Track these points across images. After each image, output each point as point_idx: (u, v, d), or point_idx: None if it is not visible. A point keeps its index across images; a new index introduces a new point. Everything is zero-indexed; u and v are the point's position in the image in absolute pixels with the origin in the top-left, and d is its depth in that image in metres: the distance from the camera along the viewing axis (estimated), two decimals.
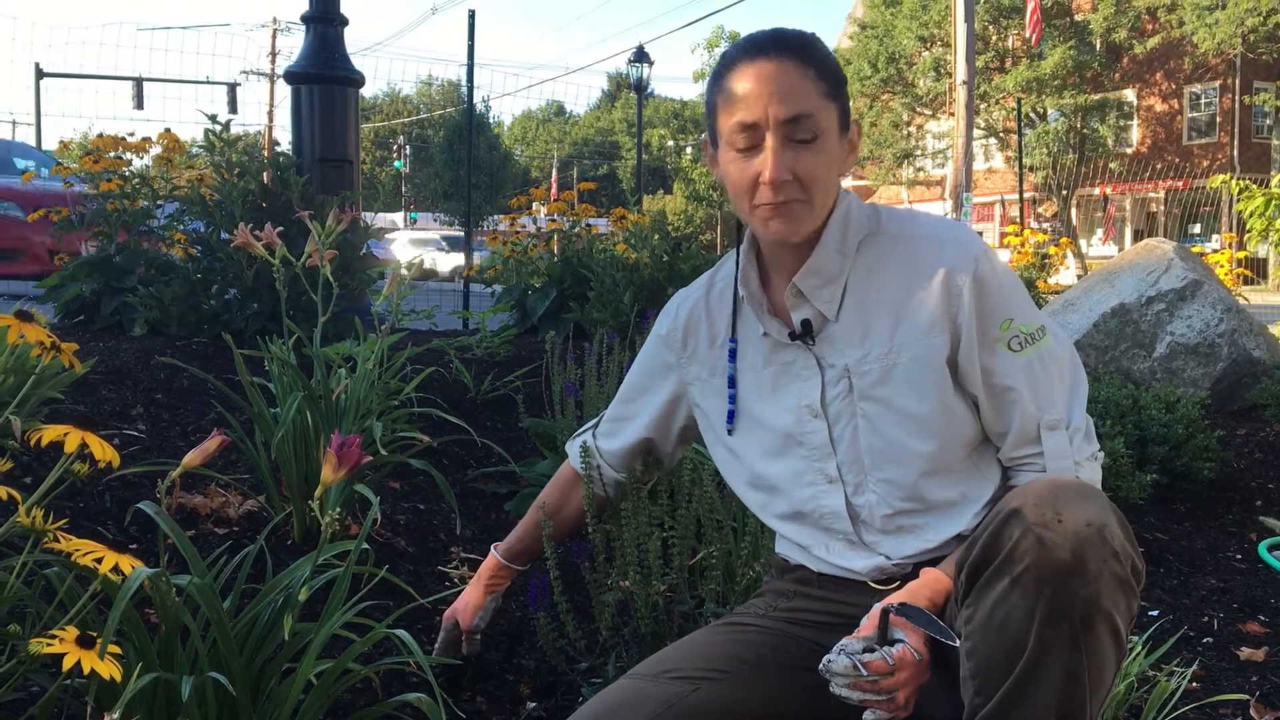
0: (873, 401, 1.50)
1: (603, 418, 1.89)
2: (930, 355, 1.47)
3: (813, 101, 1.42)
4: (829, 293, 1.51)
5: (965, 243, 1.49)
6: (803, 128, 1.41)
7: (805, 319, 1.52)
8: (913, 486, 1.49)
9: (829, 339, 1.52)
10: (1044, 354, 1.49)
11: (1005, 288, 1.48)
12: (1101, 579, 1.19)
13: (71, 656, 1.15)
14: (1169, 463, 3.45)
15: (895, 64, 31.88)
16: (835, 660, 1.32)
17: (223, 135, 4.62)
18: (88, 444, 1.28)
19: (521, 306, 5.54)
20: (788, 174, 1.41)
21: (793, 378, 1.56)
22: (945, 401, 1.48)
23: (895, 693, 1.32)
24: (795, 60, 1.43)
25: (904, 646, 1.32)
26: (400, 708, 1.58)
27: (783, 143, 1.41)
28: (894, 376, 1.48)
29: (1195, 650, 2.44)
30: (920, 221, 1.55)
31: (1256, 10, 26.39)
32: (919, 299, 1.47)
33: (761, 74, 1.42)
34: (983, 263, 1.47)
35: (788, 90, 1.41)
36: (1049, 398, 1.48)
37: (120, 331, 4.59)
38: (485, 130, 31.14)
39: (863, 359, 1.50)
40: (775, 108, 1.40)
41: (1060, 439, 1.48)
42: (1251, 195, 6.78)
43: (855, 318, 1.50)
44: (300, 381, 2.44)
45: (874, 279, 1.50)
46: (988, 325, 1.46)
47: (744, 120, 1.42)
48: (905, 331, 1.47)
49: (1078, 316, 4.84)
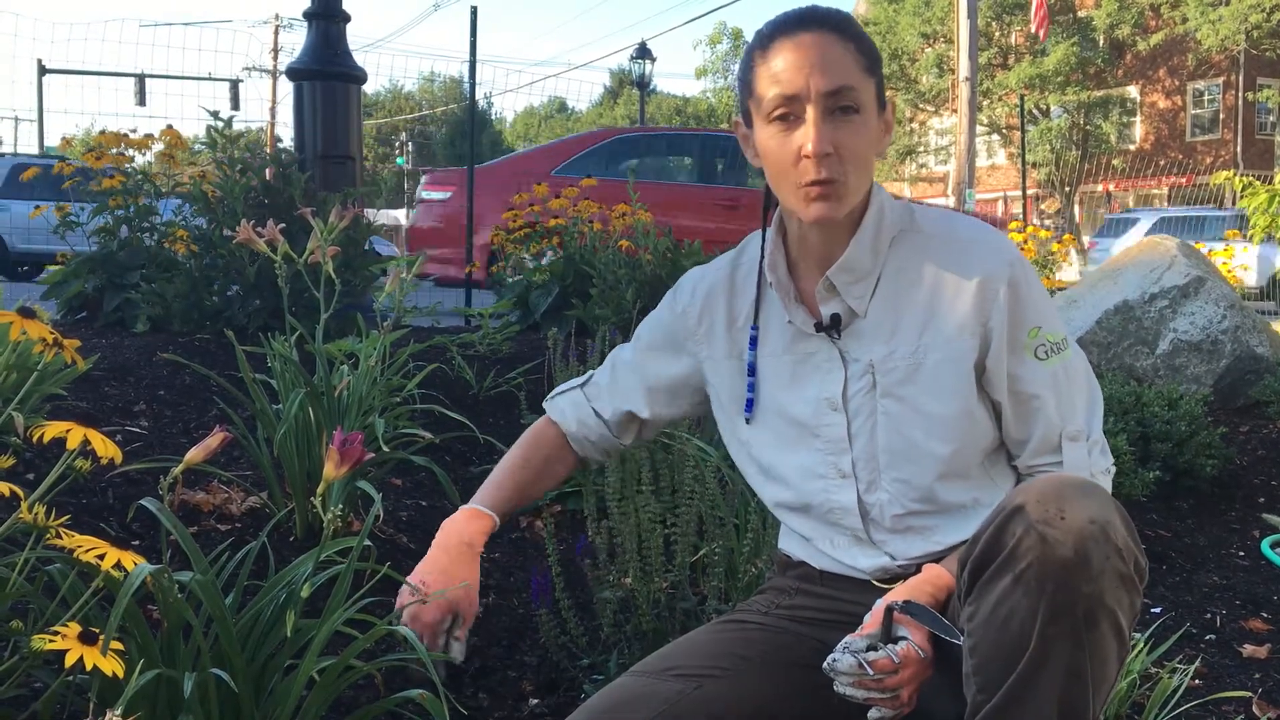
0: (895, 399, 1.49)
1: (591, 379, 1.79)
2: (959, 357, 1.46)
3: (853, 75, 1.41)
4: (861, 288, 1.50)
5: (1000, 247, 1.48)
6: (844, 100, 1.40)
7: (835, 313, 1.51)
8: (927, 488, 1.49)
9: (855, 333, 1.51)
10: (1067, 364, 1.48)
11: (1036, 295, 1.47)
12: (1105, 576, 1.19)
13: (74, 653, 1.15)
14: (1172, 460, 3.45)
15: (898, 60, 31.85)
16: (840, 659, 1.32)
17: (225, 132, 4.62)
18: (90, 440, 1.28)
19: (524, 303, 5.54)
20: (829, 146, 1.39)
21: (813, 369, 1.54)
22: (968, 405, 1.47)
23: (899, 690, 1.31)
24: (835, 33, 1.41)
25: (908, 644, 1.32)
26: (403, 704, 1.58)
27: (824, 115, 1.39)
28: (919, 376, 1.47)
29: (1198, 647, 2.44)
30: (955, 222, 1.54)
31: (1260, 6, 26.35)
32: (951, 300, 1.46)
33: (802, 46, 1.40)
34: (1017, 269, 1.46)
35: (830, 62, 1.40)
36: (1071, 408, 1.48)
37: (123, 328, 4.60)
38: (488, 127, 31.17)
39: (889, 356, 1.49)
40: (817, 79, 1.39)
41: (1080, 450, 1.47)
42: (1255, 192, 6.78)
43: (884, 314, 1.49)
44: (303, 378, 2.44)
45: (906, 277, 1.49)
46: (1017, 332, 1.45)
47: (785, 93, 1.40)
48: (934, 332, 1.47)
49: (1081, 313, 4.84)
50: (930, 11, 30.60)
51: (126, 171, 5.07)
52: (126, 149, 5.29)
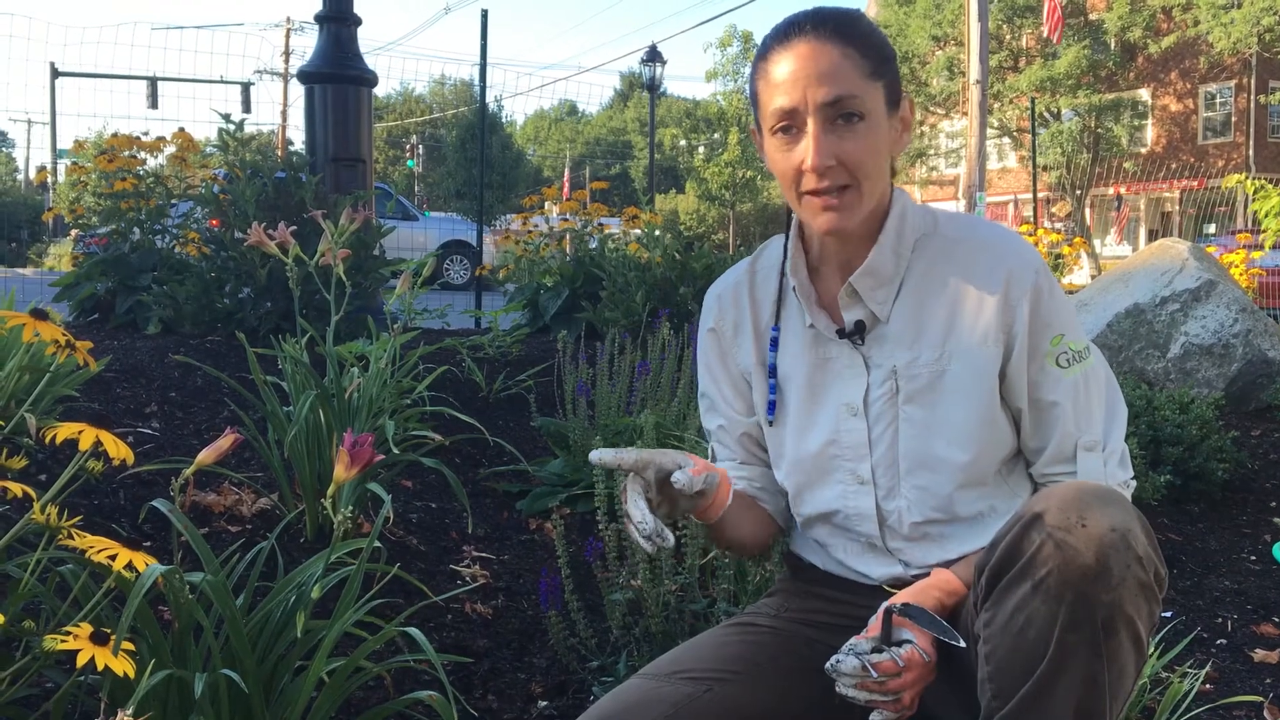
0: (917, 406, 1.47)
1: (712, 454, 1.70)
2: (982, 365, 1.45)
3: (853, 82, 1.38)
4: (883, 294, 1.48)
5: (1024, 254, 1.46)
6: (844, 110, 1.37)
7: (859, 319, 1.50)
8: (946, 496, 1.47)
9: (878, 339, 1.50)
10: (1089, 373, 1.47)
11: (1059, 303, 1.46)
12: (1125, 584, 1.18)
13: (85, 653, 1.15)
14: (1183, 464, 3.44)
15: (908, 63, 31.77)
16: (843, 661, 1.31)
17: (237, 135, 4.63)
18: (102, 442, 1.29)
19: (534, 306, 5.55)
20: (831, 159, 1.37)
21: (834, 374, 1.53)
22: (990, 413, 1.46)
23: (901, 694, 1.31)
24: (833, 39, 1.38)
25: (912, 647, 1.31)
26: (412, 705, 1.59)
27: (824, 127, 1.37)
28: (943, 383, 1.46)
29: (1209, 652, 2.43)
30: (978, 227, 1.52)
31: (1272, 10, 26.24)
32: (975, 307, 1.45)
33: (798, 56, 1.38)
34: (1041, 276, 1.45)
35: (826, 71, 1.37)
36: (1089, 418, 1.46)
37: (135, 330, 4.62)
38: (498, 130, 31.18)
39: (912, 362, 1.47)
40: (814, 90, 1.37)
41: (1095, 460, 1.46)
42: (1267, 195, 6.75)
43: (907, 320, 1.48)
44: (313, 380, 2.44)
45: (929, 282, 1.48)
46: (1039, 340, 1.44)
47: (783, 106, 1.39)
48: (958, 339, 1.45)
49: (1091, 316, 4.83)
50: (941, 14, 30.53)
51: (139, 174, 5.10)
52: (139, 152, 5.32)
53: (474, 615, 2.33)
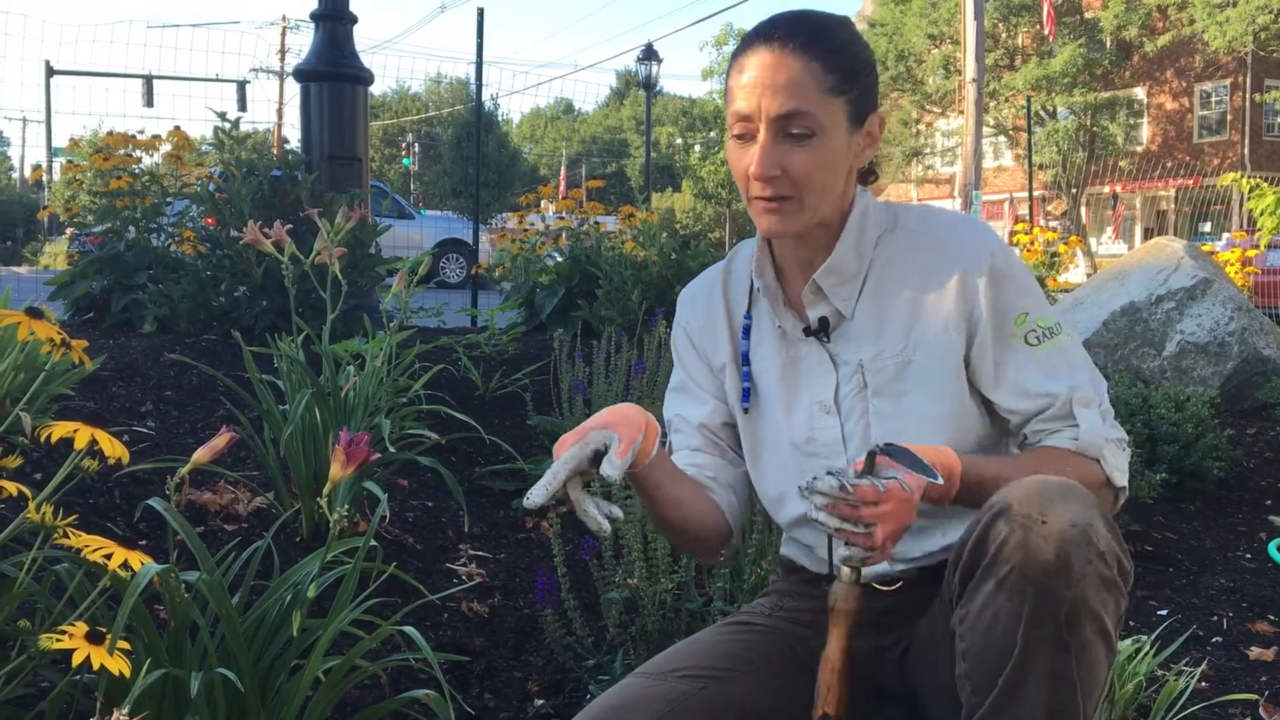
0: (885, 399, 1.48)
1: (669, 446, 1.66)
2: (946, 354, 1.45)
3: (810, 97, 1.37)
4: (847, 290, 1.50)
5: (980, 239, 1.47)
6: (796, 124, 1.38)
7: (822, 316, 1.51)
8: None
9: (844, 335, 1.51)
10: (1063, 348, 1.47)
11: (1020, 283, 1.46)
12: (1086, 580, 1.19)
13: (81, 652, 1.15)
14: (1178, 462, 3.44)
15: (904, 62, 31.83)
16: (821, 479, 1.28)
17: (232, 133, 4.63)
18: (97, 440, 1.29)
19: (530, 304, 5.55)
20: (775, 170, 1.38)
21: (805, 373, 1.54)
22: (959, 401, 1.47)
23: (874, 528, 1.27)
24: (800, 52, 1.38)
25: (895, 481, 1.28)
26: (408, 704, 1.58)
27: (774, 138, 1.38)
28: (909, 374, 1.47)
29: (1204, 650, 2.44)
30: (935, 218, 1.53)
31: (1268, 8, 26.29)
32: (935, 296, 1.46)
33: (762, 65, 1.39)
34: (998, 258, 1.45)
35: (783, 84, 1.37)
36: (1076, 379, 1.46)
37: (130, 328, 4.61)
38: (494, 128, 31.13)
39: (877, 356, 1.48)
40: (768, 101, 1.37)
41: (1094, 416, 1.46)
42: (1262, 194, 6.76)
43: (871, 315, 1.49)
44: (309, 379, 2.44)
45: (890, 276, 1.49)
46: (1003, 321, 1.45)
47: (740, 110, 1.40)
48: (921, 330, 1.46)
49: (1087, 315, 4.83)
50: (937, 13, 30.56)
51: (134, 173, 5.09)
52: (134, 150, 5.31)
53: (470, 614, 2.33)
